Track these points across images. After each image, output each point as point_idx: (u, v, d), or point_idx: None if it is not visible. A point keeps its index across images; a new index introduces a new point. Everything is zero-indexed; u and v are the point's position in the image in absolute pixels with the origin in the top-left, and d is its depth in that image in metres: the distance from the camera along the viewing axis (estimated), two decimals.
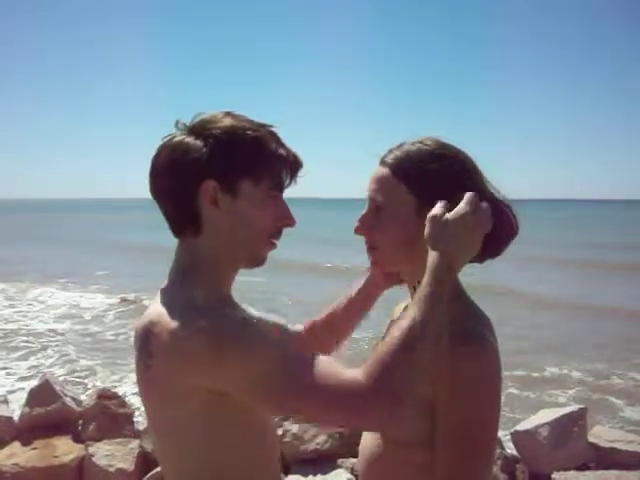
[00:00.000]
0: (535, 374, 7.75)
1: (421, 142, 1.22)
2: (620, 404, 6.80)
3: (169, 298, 1.11)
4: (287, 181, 1.18)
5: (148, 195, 1.18)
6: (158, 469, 3.77)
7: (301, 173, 1.20)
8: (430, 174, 1.17)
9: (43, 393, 4.30)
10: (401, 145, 1.23)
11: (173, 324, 1.03)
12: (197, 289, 1.10)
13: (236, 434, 1.11)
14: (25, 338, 10.03)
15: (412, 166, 1.19)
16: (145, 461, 3.96)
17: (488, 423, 1.13)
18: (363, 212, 1.25)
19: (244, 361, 1.01)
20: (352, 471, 3.64)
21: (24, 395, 4.51)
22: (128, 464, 3.88)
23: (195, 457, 1.11)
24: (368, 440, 1.27)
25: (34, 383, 4.65)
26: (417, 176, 1.18)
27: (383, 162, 1.23)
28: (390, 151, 1.23)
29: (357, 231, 1.25)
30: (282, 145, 1.16)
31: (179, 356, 1.02)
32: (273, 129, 1.17)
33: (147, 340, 1.08)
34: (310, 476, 3.70)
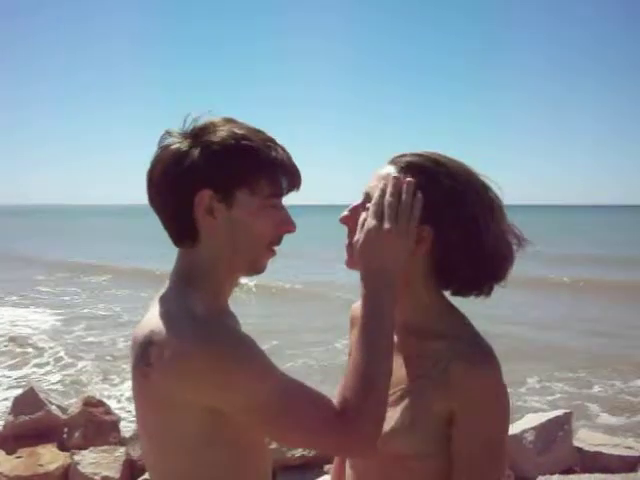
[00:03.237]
0: (516, 383, 7.80)
1: (439, 155, 1.19)
2: (599, 411, 6.85)
3: (169, 306, 1.11)
4: (286, 188, 1.17)
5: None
6: (144, 477, 3.74)
7: (301, 180, 1.19)
8: (438, 187, 1.15)
9: (27, 401, 4.27)
10: (417, 152, 1.20)
11: (176, 337, 1.04)
12: (196, 299, 1.10)
13: (228, 451, 1.11)
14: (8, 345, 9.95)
15: (424, 174, 1.15)
16: (131, 469, 3.94)
17: (505, 434, 1.16)
18: (355, 203, 1.21)
19: (249, 385, 1.02)
20: None
21: (8, 404, 4.47)
22: (114, 472, 3.86)
23: (183, 468, 1.11)
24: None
25: (19, 392, 4.61)
26: (426, 185, 1.14)
27: (393, 162, 1.19)
28: (403, 154, 1.20)
29: (343, 220, 1.21)
30: (280, 153, 1.15)
31: (181, 372, 1.02)
32: (271, 137, 1.16)
33: (147, 349, 1.07)
34: None
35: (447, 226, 1.14)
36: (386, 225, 1.10)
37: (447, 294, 1.25)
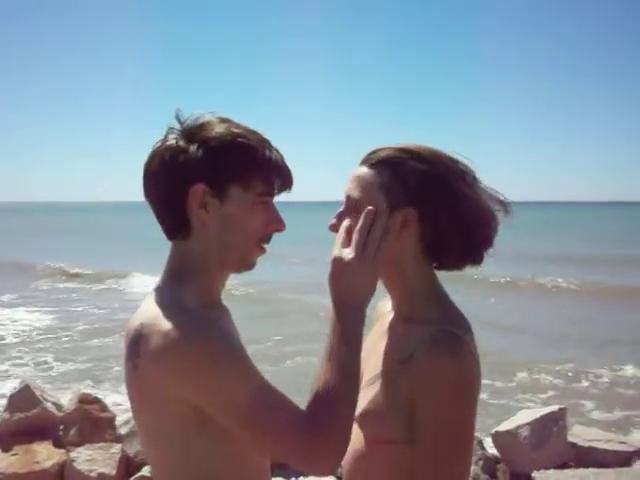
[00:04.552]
0: (508, 381, 7.82)
1: (408, 144, 1.21)
2: (592, 407, 6.90)
3: (161, 299, 1.12)
4: (278, 189, 1.19)
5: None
6: (140, 473, 3.75)
7: (293, 181, 1.21)
8: (412, 173, 1.17)
9: (23, 398, 4.26)
10: (388, 146, 1.22)
11: (163, 329, 1.04)
12: (187, 292, 1.12)
13: (221, 444, 1.11)
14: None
15: (396, 165, 1.18)
16: (127, 465, 3.94)
17: (468, 423, 1.15)
18: (340, 209, 1.23)
19: (227, 383, 1.02)
20: (338, 472, 3.64)
21: (3, 402, 4.46)
22: (110, 469, 3.86)
23: (176, 461, 1.11)
24: (351, 439, 1.28)
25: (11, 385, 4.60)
26: (396, 176, 1.18)
27: (366, 160, 1.22)
28: (375, 151, 1.22)
29: (332, 228, 1.22)
30: (275, 154, 1.17)
31: (165, 365, 1.03)
32: (266, 138, 1.18)
33: (137, 340, 1.09)
34: (293, 479, 3.70)
35: (428, 206, 1.17)
36: (351, 255, 1.12)
37: (442, 274, 1.26)
